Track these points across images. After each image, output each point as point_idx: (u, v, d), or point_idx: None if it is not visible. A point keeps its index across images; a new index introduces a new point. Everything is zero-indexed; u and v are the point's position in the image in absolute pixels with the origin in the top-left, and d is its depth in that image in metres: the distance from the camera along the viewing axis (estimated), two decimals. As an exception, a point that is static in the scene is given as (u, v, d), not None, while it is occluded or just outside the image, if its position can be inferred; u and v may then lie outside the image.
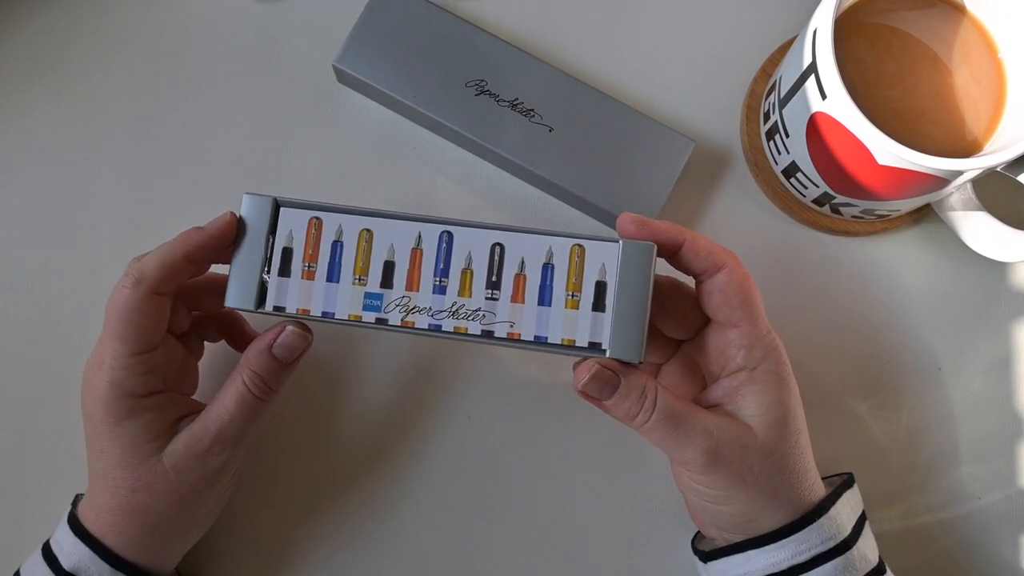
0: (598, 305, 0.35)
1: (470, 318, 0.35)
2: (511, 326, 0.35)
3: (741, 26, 0.48)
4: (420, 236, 0.35)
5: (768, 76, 0.46)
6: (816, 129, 0.40)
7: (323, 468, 0.44)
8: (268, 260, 0.35)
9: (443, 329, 0.35)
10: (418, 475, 0.44)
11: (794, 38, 0.42)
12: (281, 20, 0.48)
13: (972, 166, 0.36)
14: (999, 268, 0.46)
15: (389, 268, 0.35)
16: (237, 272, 0.35)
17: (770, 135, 0.44)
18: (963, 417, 0.45)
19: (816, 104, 0.38)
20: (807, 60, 0.38)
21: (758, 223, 0.46)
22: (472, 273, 0.35)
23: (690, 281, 0.37)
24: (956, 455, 0.45)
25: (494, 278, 0.35)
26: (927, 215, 0.46)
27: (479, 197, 0.46)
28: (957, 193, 0.43)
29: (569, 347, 0.34)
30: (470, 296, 0.35)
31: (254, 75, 0.47)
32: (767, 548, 0.35)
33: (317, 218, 0.35)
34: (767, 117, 0.44)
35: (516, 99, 0.44)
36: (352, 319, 0.35)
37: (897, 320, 0.46)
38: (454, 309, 0.35)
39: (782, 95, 0.42)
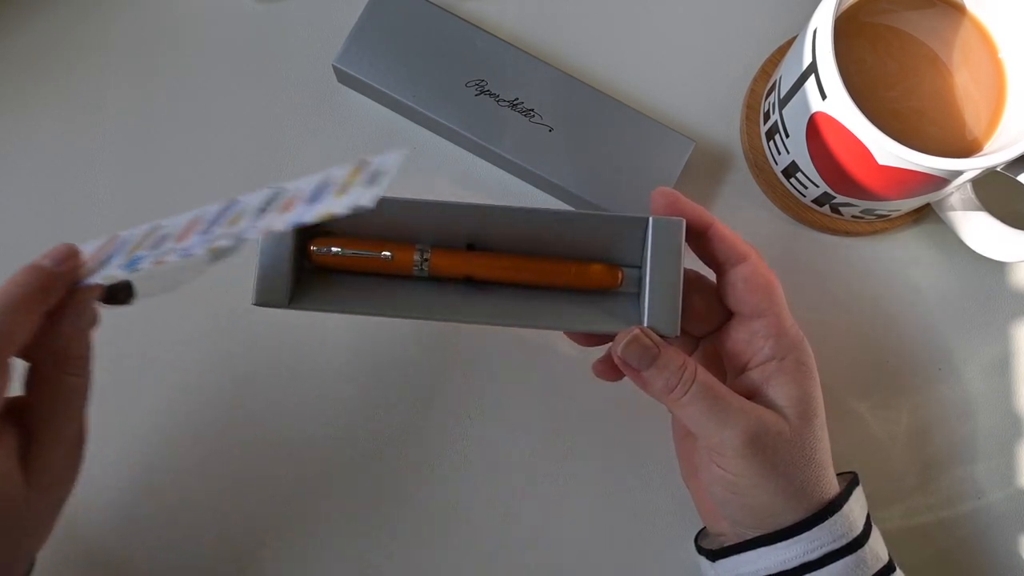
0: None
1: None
2: None
3: (741, 26, 0.48)
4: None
5: (768, 76, 0.46)
6: (816, 129, 0.40)
7: (321, 468, 0.44)
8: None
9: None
10: (417, 475, 0.44)
11: (794, 38, 0.42)
12: (281, 20, 0.48)
13: (972, 166, 0.36)
14: (999, 268, 0.46)
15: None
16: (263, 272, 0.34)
17: (770, 135, 0.44)
18: (963, 417, 0.45)
19: (816, 104, 0.38)
20: (807, 60, 0.38)
21: (758, 223, 0.46)
22: None
23: (711, 276, 0.38)
24: (956, 454, 0.45)
25: None
26: (927, 215, 0.46)
27: (479, 197, 0.46)
28: (957, 193, 0.43)
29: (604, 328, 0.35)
30: None
31: (254, 75, 0.47)
32: (779, 545, 0.35)
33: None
34: (767, 117, 0.44)
35: (516, 99, 0.44)
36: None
37: (897, 320, 0.46)
38: None
39: (782, 95, 0.42)
